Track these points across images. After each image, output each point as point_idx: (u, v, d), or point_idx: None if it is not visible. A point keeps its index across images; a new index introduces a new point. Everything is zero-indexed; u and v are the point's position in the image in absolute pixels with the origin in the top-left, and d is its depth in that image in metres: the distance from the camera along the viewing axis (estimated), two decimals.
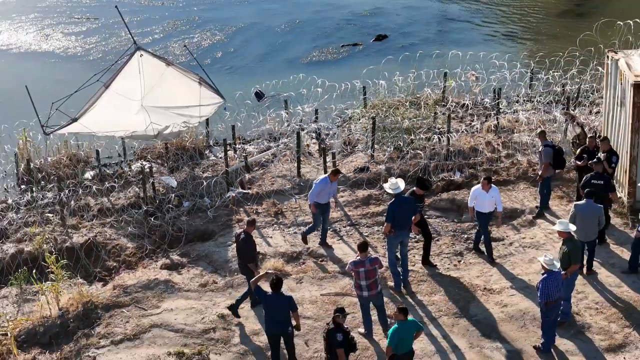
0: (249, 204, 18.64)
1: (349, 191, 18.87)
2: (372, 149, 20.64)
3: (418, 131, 20.97)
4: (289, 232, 17.47)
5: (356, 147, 21.29)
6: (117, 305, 14.96)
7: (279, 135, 22.15)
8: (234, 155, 21.21)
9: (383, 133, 21.25)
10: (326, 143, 21.23)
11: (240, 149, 21.25)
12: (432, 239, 16.27)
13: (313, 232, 16.84)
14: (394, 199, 14.99)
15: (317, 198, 16.35)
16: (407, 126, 21.40)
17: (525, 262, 15.88)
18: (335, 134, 21.71)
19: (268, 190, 19.22)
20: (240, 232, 14.71)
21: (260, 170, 20.52)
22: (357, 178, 19.37)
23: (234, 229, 17.64)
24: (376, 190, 18.89)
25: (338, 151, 20.83)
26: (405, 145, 20.40)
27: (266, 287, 12.98)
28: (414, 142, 20.51)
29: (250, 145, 21.93)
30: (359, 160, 20.50)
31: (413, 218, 15.08)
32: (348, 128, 22.63)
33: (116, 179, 19.82)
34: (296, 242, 17.05)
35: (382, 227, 16.01)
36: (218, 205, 18.56)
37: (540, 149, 17.46)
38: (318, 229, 16.88)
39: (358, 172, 19.68)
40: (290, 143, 21.23)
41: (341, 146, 21.27)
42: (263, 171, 20.44)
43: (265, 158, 21.09)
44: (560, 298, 13.03)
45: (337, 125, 23.01)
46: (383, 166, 19.75)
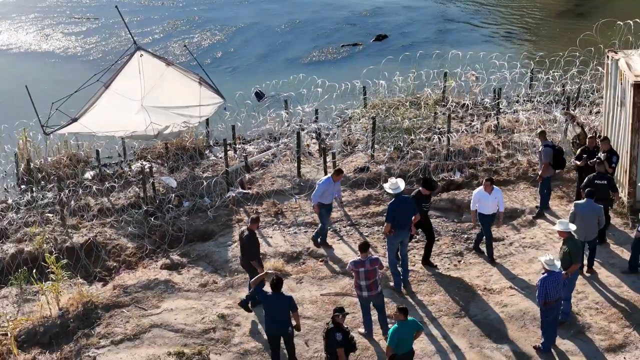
0: (249, 204, 18.64)
1: (349, 191, 18.86)
2: (372, 149, 20.64)
3: (418, 131, 20.97)
4: (289, 232, 17.46)
5: (356, 147, 21.28)
6: (117, 305, 14.96)
7: (279, 135, 22.14)
8: (234, 155, 21.20)
9: (383, 133, 21.25)
10: (326, 143, 21.22)
11: (240, 149, 21.24)
12: (433, 241, 16.18)
13: (320, 233, 16.76)
14: (394, 199, 14.98)
15: (321, 199, 16.35)
16: (407, 126, 21.40)
17: (525, 262, 15.88)
18: (335, 134, 21.71)
19: (268, 190, 19.22)
20: (243, 230, 14.72)
21: (260, 170, 20.51)
22: (357, 178, 19.37)
23: (234, 229, 17.66)
24: (376, 190, 18.89)
25: (338, 151, 20.83)
26: (405, 145, 20.40)
27: (266, 287, 12.97)
28: (414, 142, 20.50)
29: (250, 145, 21.92)
30: (359, 160, 20.50)
31: (413, 218, 15.09)
32: (348, 128, 22.62)
33: (116, 179, 19.81)
34: (296, 242, 17.05)
35: (382, 227, 16.01)
36: (218, 205, 18.55)
37: (540, 149, 17.46)
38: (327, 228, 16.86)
39: (358, 172, 19.68)
40: (290, 143, 21.23)
41: (341, 146, 21.27)
42: (263, 171, 20.43)
43: (265, 158, 21.08)
44: (560, 298, 13.02)
45: (337, 125, 23.00)
46: (383, 166, 19.75)
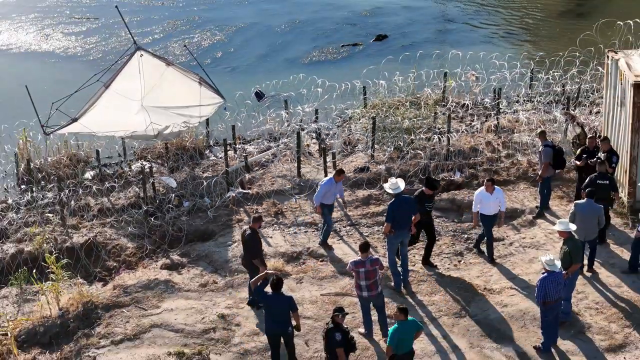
0: (249, 204, 18.64)
1: (349, 191, 18.85)
2: (372, 149, 20.63)
3: (418, 131, 20.96)
4: (289, 232, 17.46)
5: (356, 147, 21.28)
6: (117, 305, 14.96)
7: (279, 135, 22.13)
8: (234, 155, 21.20)
9: (383, 133, 21.24)
10: (326, 143, 21.22)
11: (240, 149, 21.24)
12: (434, 242, 16.15)
13: (329, 233, 16.76)
14: (394, 199, 14.99)
15: (323, 199, 16.36)
16: (407, 126, 21.39)
17: (525, 262, 15.88)
18: (335, 134, 21.70)
19: (268, 190, 19.22)
20: (246, 229, 14.73)
21: (260, 170, 20.51)
22: (357, 178, 19.36)
23: (234, 229, 17.66)
24: (376, 190, 18.89)
25: (338, 151, 20.83)
26: (405, 145, 20.40)
27: (267, 287, 12.98)
28: (414, 142, 20.50)
29: (250, 145, 21.92)
30: (359, 160, 20.49)
31: (413, 218, 15.09)
32: (348, 128, 22.62)
33: (116, 179, 19.80)
34: (296, 242, 17.05)
35: (382, 227, 16.01)
36: (218, 205, 18.55)
37: (540, 149, 17.46)
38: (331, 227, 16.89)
39: (358, 172, 19.67)
40: (290, 143, 21.22)
41: (341, 146, 21.26)
42: (263, 171, 20.43)
43: (265, 158, 21.08)
44: (560, 299, 13.01)
45: (337, 125, 22.99)
46: (383, 166, 19.74)
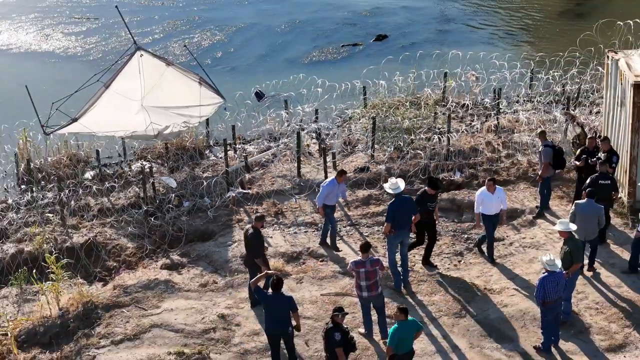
0: (249, 204, 18.64)
1: (349, 191, 18.84)
2: (372, 149, 20.63)
3: (418, 131, 20.96)
4: (289, 232, 17.46)
5: (356, 147, 21.28)
6: (117, 305, 14.96)
7: (279, 135, 22.12)
8: (234, 155, 21.20)
9: (383, 133, 21.24)
10: (326, 143, 21.21)
11: (240, 149, 21.24)
12: (434, 242, 16.11)
13: (336, 233, 16.75)
14: (394, 199, 14.99)
15: (326, 200, 16.36)
16: (407, 126, 21.39)
17: (525, 262, 15.88)
18: (335, 134, 21.70)
19: (268, 190, 19.22)
20: (248, 228, 14.73)
21: (260, 170, 20.51)
22: (357, 178, 19.36)
23: (234, 229, 17.67)
24: (376, 190, 18.89)
25: (338, 151, 20.83)
26: (405, 145, 20.39)
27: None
28: (414, 142, 20.50)
29: (250, 145, 21.91)
30: (359, 160, 20.49)
31: (413, 218, 15.09)
32: (348, 128, 22.61)
33: (116, 179, 19.80)
34: (296, 242, 17.05)
35: (382, 227, 16.01)
36: (218, 205, 18.55)
37: (540, 149, 17.46)
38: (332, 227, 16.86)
39: (358, 172, 19.67)
40: (290, 143, 21.22)
41: (341, 146, 21.26)
42: (263, 171, 20.43)
43: (265, 158, 21.08)
44: (559, 299, 12.99)
45: (337, 125, 22.98)
46: (383, 166, 19.74)
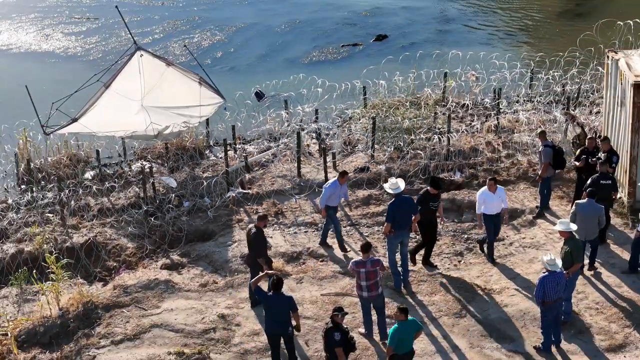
0: (249, 204, 18.64)
1: (349, 191, 18.84)
2: (372, 149, 20.63)
3: (418, 131, 20.96)
4: (289, 232, 17.46)
5: (356, 147, 21.28)
6: (117, 305, 14.95)
7: (279, 135, 22.12)
8: (234, 155, 21.20)
9: (383, 133, 21.24)
10: (326, 143, 21.21)
11: (240, 149, 21.24)
12: (434, 242, 16.07)
13: (341, 234, 16.68)
14: (394, 199, 14.99)
15: (328, 202, 16.34)
16: (408, 126, 21.39)
17: (525, 262, 15.88)
18: (335, 134, 21.69)
19: (268, 190, 19.22)
20: (251, 227, 14.72)
21: (260, 170, 20.51)
22: (357, 178, 19.36)
23: (234, 229, 17.67)
24: (376, 190, 18.89)
25: (338, 151, 20.83)
26: (405, 145, 20.40)
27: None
28: (414, 142, 20.50)
29: (250, 145, 21.91)
30: (359, 160, 20.49)
31: (413, 218, 15.09)
32: (348, 128, 22.60)
33: (116, 179, 19.80)
34: (296, 242, 17.05)
35: (382, 227, 16.01)
36: (218, 205, 18.55)
37: (540, 149, 17.46)
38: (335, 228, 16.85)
39: (358, 172, 19.67)
40: (290, 143, 21.22)
41: (341, 146, 21.26)
42: (263, 171, 20.43)
43: (265, 158, 21.08)
44: (559, 299, 12.98)
45: (337, 125, 22.98)
46: (383, 166, 19.74)
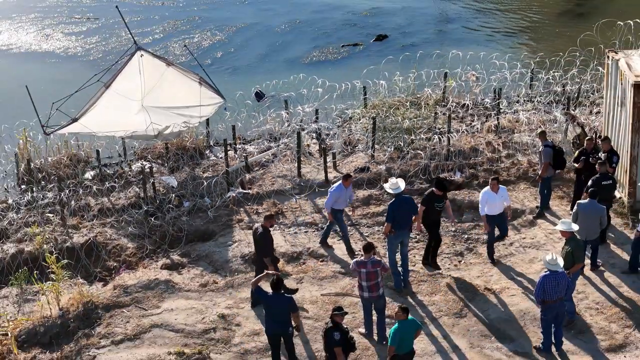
0: (250, 204, 18.64)
1: None
2: (373, 149, 20.63)
3: (418, 131, 20.96)
4: (289, 232, 17.46)
5: (356, 147, 21.28)
6: (118, 305, 14.95)
7: (279, 135, 22.11)
8: (234, 155, 21.20)
9: (383, 133, 21.24)
10: (326, 143, 21.21)
11: (240, 149, 21.24)
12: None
13: (348, 237, 16.62)
14: (394, 199, 14.99)
15: (335, 205, 16.28)
16: (408, 126, 21.39)
17: (525, 262, 15.88)
18: (335, 134, 21.69)
19: (268, 190, 19.22)
20: (257, 227, 14.72)
21: (260, 170, 20.51)
22: (358, 178, 19.35)
23: (235, 229, 17.67)
24: (376, 190, 18.89)
25: (338, 151, 20.83)
26: (405, 145, 20.40)
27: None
28: (415, 142, 20.50)
29: (250, 145, 21.91)
30: (360, 160, 20.49)
31: (414, 218, 15.09)
32: (348, 128, 22.60)
33: (116, 179, 19.80)
34: (296, 242, 17.05)
35: (383, 227, 16.00)
36: (218, 205, 18.55)
37: (540, 149, 17.46)
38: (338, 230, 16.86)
39: (358, 172, 19.66)
40: (290, 143, 21.22)
41: (341, 146, 21.26)
42: (263, 171, 20.43)
43: (265, 158, 21.08)
44: (560, 299, 12.96)
45: (338, 125, 22.97)
46: (383, 166, 19.74)
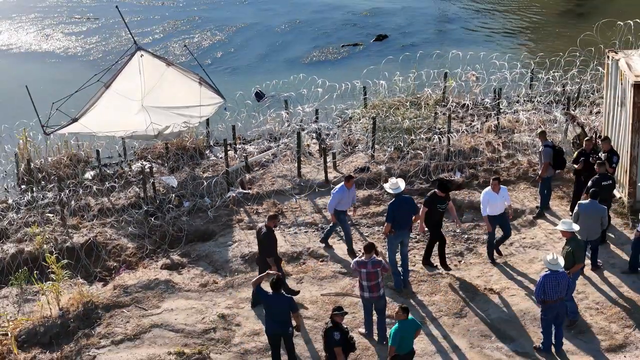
0: (250, 204, 18.64)
1: None
2: (373, 149, 20.63)
3: (418, 131, 20.95)
4: (289, 232, 17.46)
5: (356, 147, 21.27)
6: (118, 305, 14.96)
7: (279, 135, 22.10)
8: (234, 155, 21.20)
9: (383, 133, 21.23)
10: (326, 143, 21.21)
11: (240, 149, 21.24)
12: (436, 242, 16.05)
13: (351, 239, 16.62)
14: (394, 199, 14.99)
15: (338, 206, 16.25)
16: (408, 126, 21.39)
17: (525, 262, 15.88)
18: (335, 134, 21.69)
19: (268, 190, 19.22)
20: (261, 227, 14.72)
21: (260, 170, 20.51)
22: (358, 178, 19.33)
23: (235, 229, 17.67)
24: (376, 190, 18.90)
25: (338, 151, 20.83)
26: (405, 145, 20.40)
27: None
28: (415, 142, 20.49)
29: (250, 145, 21.91)
30: (360, 160, 20.49)
31: (414, 218, 15.09)
32: (348, 128, 22.60)
33: (116, 179, 19.79)
34: (296, 242, 17.05)
35: (383, 227, 16.00)
36: (218, 205, 18.55)
37: (540, 149, 17.47)
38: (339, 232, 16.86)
39: (358, 172, 19.66)
40: (290, 143, 21.21)
41: (341, 146, 21.25)
42: (263, 171, 20.43)
43: (265, 158, 21.08)
44: (560, 299, 12.95)
45: (338, 125, 22.96)
46: (383, 166, 19.75)
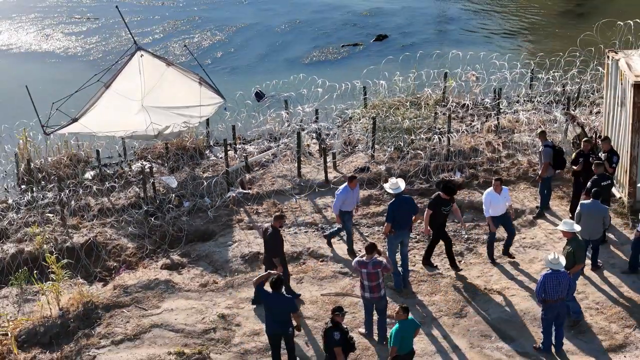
0: (250, 204, 18.64)
1: None
2: (373, 149, 20.63)
3: (418, 131, 20.95)
4: (290, 232, 17.46)
5: (356, 147, 21.27)
6: (118, 305, 14.96)
7: (279, 135, 22.10)
8: (234, 155, 21.20)
9: (383, 133, 21.23)
10: (326, 143, 21.21)
11: (240, 149, 21.24)
12: (437, 243, 16.04)
13: (352, 239, 16.62)
14: (394, 199, 15.00)
15: (343, 207, 16.22)
16: (408, 126, 21.39)
17: (525, 262, 15.88)
18: (335, 134, 21.68)
19: (268, 190, 19.22)
20: (267, 227, 14.73)
21: (260, 170, 20.51)
22: (358, 178, 19.32)
23: (235, 229, 17.67)
24: (376, 190, 18.90)
25: (338, 151, 20.83)
26: (405, 145, 20.40)
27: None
28: (415, 142, 20.49)
29: (250, 145, 21.92)
30: (360, 160, 20.49)
31: (414, 218, 15.09)
32: (348, 128, 22.59)
33: (116, 179, 19.80)
34: (296, 242, 17.05)
35: (383, 227, 16.00)
36: (218, 205, 18.55)
37: (540, 149, 17.47)
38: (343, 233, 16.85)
39: (358, 172, 19.64)
40: (290, 143, 21.21)
41: (341, 146, 21.25)
42: (263, 171, 20.43)
43: (265, 158, 21.08)
44: (560, 299, 12.96)
45: (338, 125, 22.96)
46: (383, 166, 19.75)
